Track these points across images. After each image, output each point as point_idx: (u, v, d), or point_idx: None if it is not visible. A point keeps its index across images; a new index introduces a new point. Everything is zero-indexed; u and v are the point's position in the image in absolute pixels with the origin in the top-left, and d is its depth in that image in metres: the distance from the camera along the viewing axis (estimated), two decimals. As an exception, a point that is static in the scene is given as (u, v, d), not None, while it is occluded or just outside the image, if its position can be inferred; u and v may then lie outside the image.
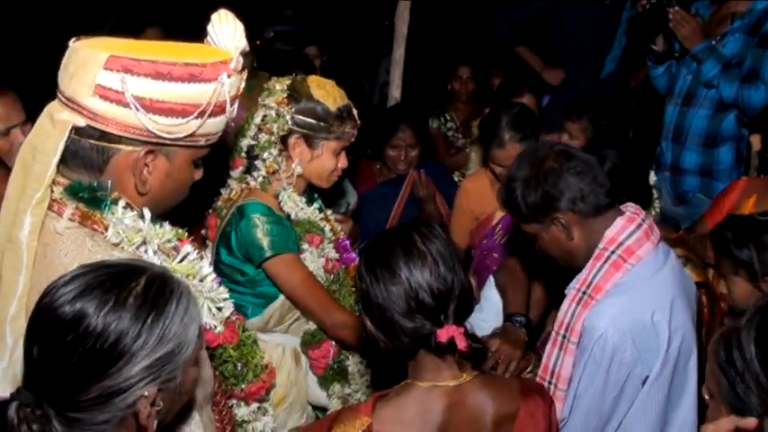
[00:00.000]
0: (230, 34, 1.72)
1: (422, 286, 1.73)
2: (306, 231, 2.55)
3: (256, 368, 2.09)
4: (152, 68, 1.61)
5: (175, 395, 1.47)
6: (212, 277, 1.85)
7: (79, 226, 1.69)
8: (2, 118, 2.78)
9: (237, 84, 1.77)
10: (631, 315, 2.16)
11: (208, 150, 1.84)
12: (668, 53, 4.21)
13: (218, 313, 1.87)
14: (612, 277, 2.20)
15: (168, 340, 1.39)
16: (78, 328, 1.33)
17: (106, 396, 1.35)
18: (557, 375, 2.27)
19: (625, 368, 2.15)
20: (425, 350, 1.77)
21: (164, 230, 1.77)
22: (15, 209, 1.64)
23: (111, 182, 1.72)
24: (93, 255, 1.64)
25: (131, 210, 1.74)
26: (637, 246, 2.22)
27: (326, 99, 2.45)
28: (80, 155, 1.69)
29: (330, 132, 2.46)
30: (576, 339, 2.22)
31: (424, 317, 1.73)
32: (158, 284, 1.41)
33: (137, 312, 1.36)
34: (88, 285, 1.36)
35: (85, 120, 1.64)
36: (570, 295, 2.28)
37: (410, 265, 1.74)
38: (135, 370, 1.35)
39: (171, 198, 1.85)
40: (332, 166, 2.52)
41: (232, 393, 2.11)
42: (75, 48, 1.67)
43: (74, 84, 1.63)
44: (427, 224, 1.85)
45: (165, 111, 1.64)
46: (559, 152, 2.25)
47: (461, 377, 1.79)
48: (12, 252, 1.63)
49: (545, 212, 2.22)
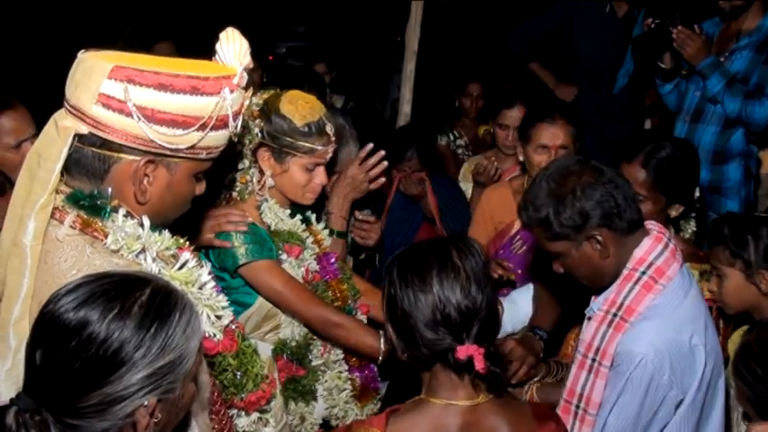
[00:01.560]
0: (236, 51, 1.75)
1: (450, 301, 1.71)
2: (284, 242, 2.53)
3: (256, 377, 2.09)
4: (155, 79, 1.64)
5: (174, 408, 1.48)
6: (211, 285, 1.86)
7: (80, 233, 1.70)
8: (13, 132, 2.84)
9: (241, 99, 1.79)
10: (669, 338, 2.11)
11: (210, 164, 1.85)
12: (675, 70, 4.21)
13: (217, 321, 1.88)
14: (645, 299, 2.15)
15: (170, 351, 1.39)
16: (82, 334, 1.34)
17: (106, 404, 1.35)
18: (586, 399, 2.20)
19: (662, 391, 2.10)
20: (442, 365, 1.75)
21: (163, 238, 1.78)
22: (20, 214, 1.66)
23: (112, 190, 1.73)
24: (91, 261, 1.66)
25: (131, 218, 1.76)
26: (666, 266, 2.17)
27: (293, 114, 2.42)
28: (82, 162, 1.71)
29: (295, 148, 2.44)
30: (608, 363, 2.16)
31: (446, 331, 1.71)
32: (162, 295, 1.43)
33: (140, 321, 1.37)
34: (93, 293, 1.38)
35: (88, 127, 1.67)
36: (598, 318, 2.22)
37: (442, 277, 1.72)
38: (135, 378, 1.36)
39: (171, 210, 1.86)
40: (302, 181, 2.51)
41: (232, 403, 2.10)
42: (82, 58, 1.70)
43: (78, 92, 1.66)
44: (466, 240, 1.83)
45: (167, 121, 1.66)
46: (590, 166, 2.19)
47: (476, 398, 1.77)
48: (16, 256, 1.65)
49: (579, 230, 2.14)
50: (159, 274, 1.72)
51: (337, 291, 2.68)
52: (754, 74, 3.92)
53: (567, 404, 2.25)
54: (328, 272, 2.69)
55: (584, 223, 2.13)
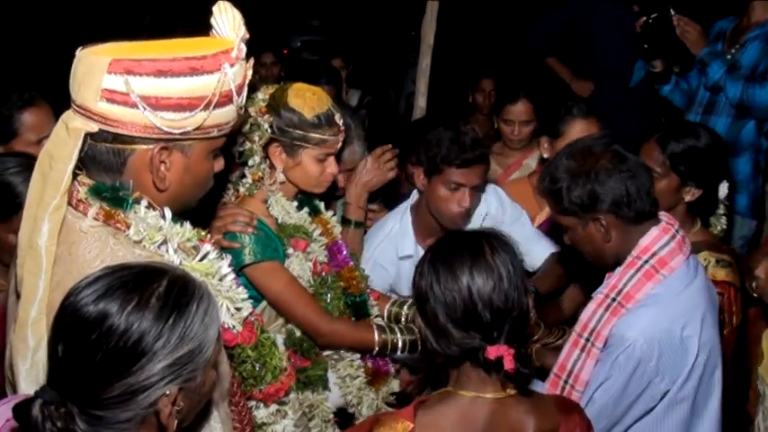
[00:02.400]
0: (231, 23, 1.75)
1: (482, 299, 1.72)
2: (290, 236, 2.54)
3: (275, 369, 2.10)
4: (153, 67, 1.64)
5: (195, 396, 1.49)
6: (231, 277, 1.87)
7: (103, 225, 1.71)
8: (35, 128, 2.86)
9: (242, 72, 1.78)
10: (662, 327, 2.15)
11: (224, 141, 1.85)
12: (668, 71, 4.26)
13: (236, 313, 1.89)
14: (644, 287, 2.20)
15: (189, 340, 1.41)
16: (102, 326, 1.35)
17: (129, 394, 1.37)
18: (575, 377, 2.27)
19: (647, 377, 2.15)
20: (471, 362, 1.76)
21: (184, 230, 1.79)
22: (35, 215, 1.67)
23: (132, 182, 1.74)
24: (115, 252, 1.67)
25: (153, 209, 1.76)
26: (670, 257, 2.21)
27: (302, 107, 2.43)
28: (98, 159, 1.72)
29: (307, 141, 2.45)
30: (600, 344, 2.22)
31: (476, 330, 1.73)
32: (180, 286, 1.44)
33: (159, 312, 1.38)
34: (111, 286, 1.39)
35: (97, 124, 1.67)
36: (597, 300, 2.27)
37: (474, 274, 1.73)
38: (157, 368, 1.37)
39: (193, 191, 1.87)
40: (315, 173, 2.52)
41: (251, 395, 2.12)
42: (80, 56, 1.70)
43: (83, 91, 1.66)
44: (499, 236, 1.83)
45: (173, 106, 1.66)
46: (614, 153, 2.23)
47: (503, 392, 1.78)
48: (32, 257, 1.65)
49: (587, 210, 2.21)
50: (180, 266, 1.73)
51: (350, 279, 2.70)
52: (762, 62, 3.97)
53: (556, 378, 2.31)
54: (339, 261, 2.71)
55: (591, 205, 2.19)
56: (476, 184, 2.91)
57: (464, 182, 2.87)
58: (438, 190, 2.92)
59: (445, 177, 2.88)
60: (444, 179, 2.88)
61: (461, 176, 2.87)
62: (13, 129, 2.85)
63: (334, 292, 2.65)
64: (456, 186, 2.88)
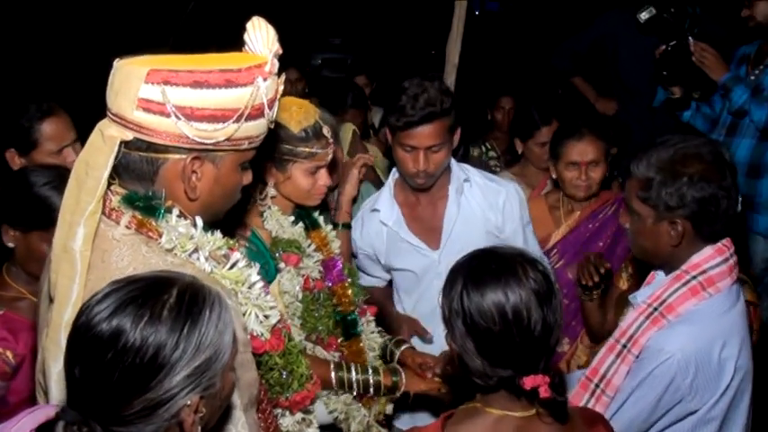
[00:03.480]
0: (265, 39, 1.78)
1: (518, 330, 1.71)
2: (282, 250, 2.54)
3: (301, 378, 2.10)
4: (190, 78, 1.67)
5: (216, 401, 1.50)
6: (260, 285, 1.89)
7: (135, 233, 1.74)
8: (55, 137, 2.90)
9: (275, 87, 1.81)
10: (700, 346, 2.13)
11: (253, 153, 1.88)
12: (687, 98, 4.26)
13: (265, 321, 1.91)
14: (687, 302, 2.18)
15: (205, 348, 1.41)
16: (117, 344, 1.35)
17: (150, 408, 1.37)
18: (607, 381, 2.25)
19: (679, 395, 2.14)
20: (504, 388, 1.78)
21: (215, 238, 1.82)
22: (70, 221, 1.70)
23: (164, 191, 1.78)
24: (147, 260, 1.70)
25: (185, 218, 1.80)
26: (718, 277, 2.19)
27: (288, 122, 2.43)
28: (132, 167, 1.76)
29: (295, 155, 2.46)
30: (636, 351, 2.21)
31: (510, 362, 1.74)
32: (190, 294, 1.44)
33: (173, 324, 1.38)
34: (122, 301, 1.39)
35: (132, 133, 1.71)
36: (639, 308, 2.26)
37: (506, 308, 1.72)
38: (176, 380, 1.38)
39: (222, 202, 1.90)
40: (306, 186, 2.52)
41: (277, 402, 2.12)
42: (118, 66, 1.73)
43: (119, 100, 1.70)
44: (531, 259, 1.82)
45: (207, 117, 1.70)
46: (720, 162, 2.17)
47: (531, 410, 1.78)
48: (66, 261, 1.68)
49: (670, 210, 2.17)
50: (211, 273, 1.76)
51: (342, 297, 2.68)
52: None
53: (587, 381, 2.30)
54: (333, 277, 2.69)
55: (676, 207, 2.15)
56: (428, 145, 2.78)
57: (414, 144, 2.78)
58: (396, 150, 2.86)
59: (397, 139, 2.82)
60: (397, 140, 2.82)
61: (409, 138, 2.78)
62: (33, 139, 2.88)
63: (325, 310, 2.64)
64: (410, 149, 2.80)
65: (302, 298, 2.58)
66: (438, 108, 2.73)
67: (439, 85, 2.80)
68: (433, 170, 2.84)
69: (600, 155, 3.40)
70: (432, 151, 2.80)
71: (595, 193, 3.48)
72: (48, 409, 1.47)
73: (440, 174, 2.92)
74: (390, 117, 2.80)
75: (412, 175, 2.86)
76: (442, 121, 2.77)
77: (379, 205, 3.07)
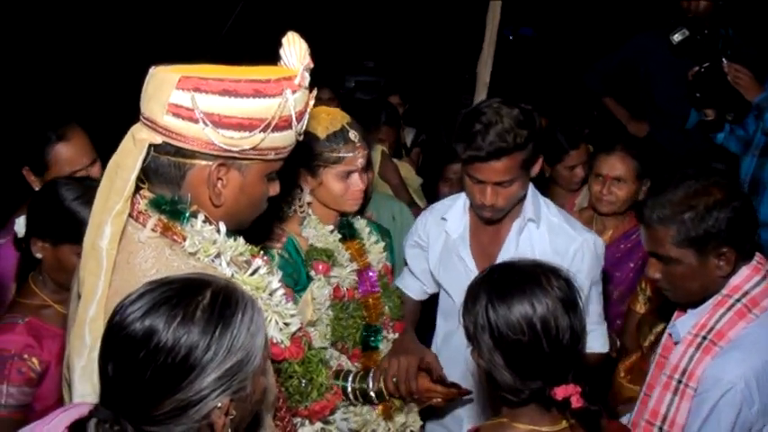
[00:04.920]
0: (298, 53, 1.81)
1: (548, 340, 1.71)
2: (314, 259, 2.56)
3: (321, 387, 2.10)
4: (219, 86, 1.71)
5: (247, 404, 1.50)
6: (281, 292, 1.91)
7: (161, 236, 1.78)
8: (68, 162, 2.91)
9: (304, 100, 1.84)
10: (759, 370, 2.08)
11: (280, 165, 1.91)
12: (720, 120, 4.21)
13: (285, 328, 1.92)
14: (736, 326, 2.14)
15: (237, 351, 1.42)
16: (149, 344, 1.37)
17: (180, 409, 1.38)
18: (670, 422, 2.18)
19: (748, 424, 2.09)
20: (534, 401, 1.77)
21: (237, 244, 1.84)
22: (99, 220, 1.74)
23: (190, 195, 1.81)
24: (170, 262, 1.73)
25: (209, 224, 1.82)
26: (761, 297, 2.15)
27: (315, 128, 2.47)
28: (160, 171, 1.79)
29: (323, 160, 2.50)
30: (694, 385, 2.14)
31: (539, 373, 1.73)
32: (223, 296, 1.45)
33: (205, 325, 1.39)
34: (156, 302, 1.41)
35: (162, 137, 1.74)
36: (686, 341, 2.20)
37: (534, 319, 1.72)
38: (206, 382, 1.39)
39: (247, 211, 1.92)
40: (339, 191, 2.54)
41: (296, 411, 2.12)
42: (152, 73, 1.78)
43: (151, 105, 1.74)
44: (552, 267, 1.82)
45: (234, 125, 1.73)
46: (727, 183, 2.16)
47: (560, 423, 1.78)
48: (93, 259, 1.72)
49: (720, 240, 2.11)
50: (232, 278, 1.77)
51: (372, 308, 2.68)
52: None
53: (648, 425, 2.23)
54: (366, 287, 2.69)
55: (717, 236, 2.10)
56: (496, 180, 2.52)
57: (480, 178, 2.53)
58: (464, 177, 2.63)
59: (465, 167, 2.59)
60: (465, 169, 2.59)
61: (475, 171, 2.54)
62: (46, 162, 2.91)
63: (353, 320, 2.63)
64: (477, 180, 2.56)
65: (331, 306, 2.59)
66: (509, 143, 2.45)
67: (517, 115, 2.49)
68: (501, 205, 2.61)
69: (628, 173, 3.39)
70: (501, 186, 2.55)
71: (621, 212, 3.46)
72: (81, 407, 1.49)
73: (511, 207, 2.68)
74: (458, 145, 2.54)
75: (478, 207, 2.66)
76: (513, 156, 2.49)
77: (449, 216, 2.86)
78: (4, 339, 2.33)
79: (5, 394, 2.28)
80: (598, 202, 3.44)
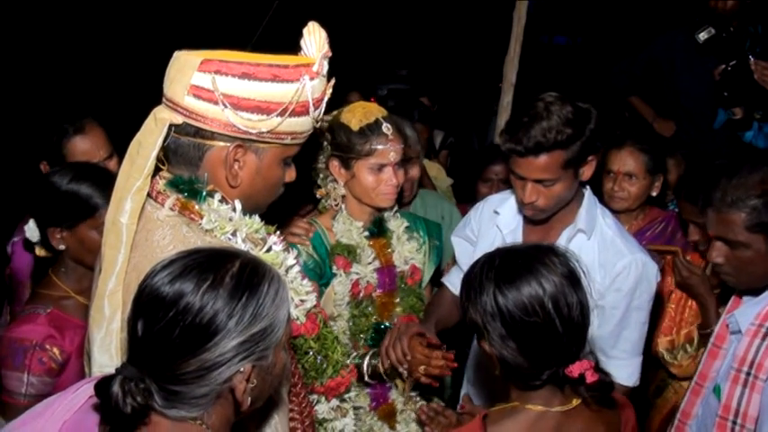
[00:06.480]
0: (317, 42, 1.86)
1: (561, 322, 1.73)
2: (336, 254, 2.59)
3: (336, 364, 2.13)
4: (239, 69, 1.77)
5: (268, 375, 1.54)
6: (297, 269, 1.95)
7: (178, 215, 1.84)
8: (84, 155, 2.97)
9: (322, 87, 1.88)
10: None
11: (297, 150, 1.95)
12: (748, 118, 4.19)
13: (300, 305, 1.96)
14: None
15: (261, 319, 1.46)
16: (179, 305, 1.42)
17: (204, 369, 1.43)
18: (743, 415, 2.17)
19: None
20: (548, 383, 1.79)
21: (253, 221, 1.89)
22: (120, 197, 1.80)
23: (207, 175, 1.86)
24: (187, 239, 1.79)
25: (226, 203, 1.88)
26: None
27: (349, 120, 2.52)
28: (180, 152, 1.86)
29: (355, 151, 2.53)
30: (764, 376, 2.13)
31: (553, 353, 1.74)
32: (251, 267, 1.50)
33: (232, 291, 1.44)
34: (186, 267, 1.46)
35: (182, 117, 1.81)
36: (750, 332, 2.20)
37: (545, 300, 1.73)
38: (230, 345, 1.43)
39: (263, 194, 1.96)
40: (371, 183, 2.56)
41: (312, 388, 2.16)
42: (176, 56, 1.85)
43: (173, 86, 1.81)
44: (548, 247, 1.84)
45: (252, 108, 1.78)
46: None
47: (570, 403, 1.79)
48: (113, 233, 1.78)
49: None
50: (248, 254, 1.82)
51: (383, 306, 2.69)
52: None
53: (722, 420, 2.21)
54: (384, 285, 2.70)
55: None
56: (536, 178, 2.42)
57: (520, 173, 2.43)
58: (510, 175, 2.53)
59: (509, 162, 2.48)
60: (509, 164, 2.49)
61: (516, 166, 2.45)
62: (62, 155, 2.98)
63: (366, 319, 2.65)
64: (518, 176, 2.47)
65: (349, 301, 2.62)
66: (550, 140, 2.34)
67: (567, 113, 2.37)
68: (543, 205, 2.48)
69: (639, 169, 3.37)
70: (543, 185, 2.44)
71: (633, 208, 3.44)
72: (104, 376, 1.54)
73: (555, 209, 2.55)
74: (503, 135, 2.47)
75: (521, 204, 2.56)
76: (554, 154, 2.37)
77: (502, 210, 2.76)
78: (26, 329, 2.38)
79: (26, 383, 2.33)
80: (610, 200, 3.40)
